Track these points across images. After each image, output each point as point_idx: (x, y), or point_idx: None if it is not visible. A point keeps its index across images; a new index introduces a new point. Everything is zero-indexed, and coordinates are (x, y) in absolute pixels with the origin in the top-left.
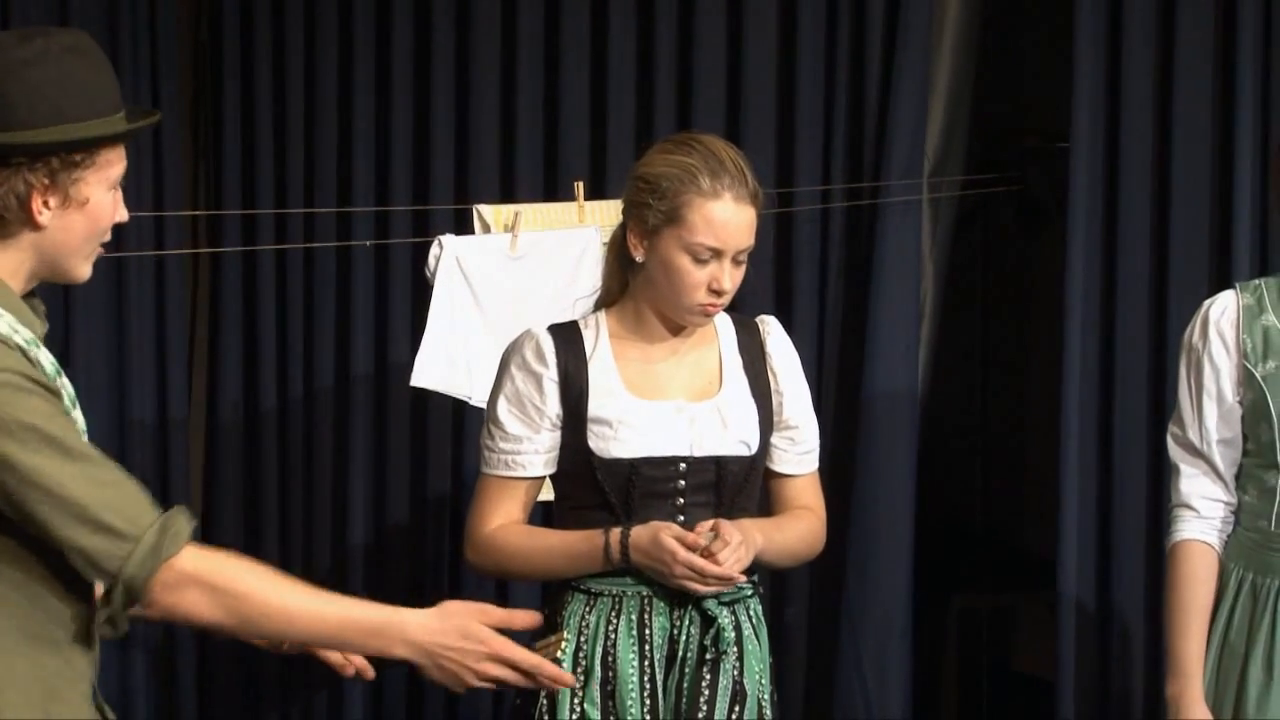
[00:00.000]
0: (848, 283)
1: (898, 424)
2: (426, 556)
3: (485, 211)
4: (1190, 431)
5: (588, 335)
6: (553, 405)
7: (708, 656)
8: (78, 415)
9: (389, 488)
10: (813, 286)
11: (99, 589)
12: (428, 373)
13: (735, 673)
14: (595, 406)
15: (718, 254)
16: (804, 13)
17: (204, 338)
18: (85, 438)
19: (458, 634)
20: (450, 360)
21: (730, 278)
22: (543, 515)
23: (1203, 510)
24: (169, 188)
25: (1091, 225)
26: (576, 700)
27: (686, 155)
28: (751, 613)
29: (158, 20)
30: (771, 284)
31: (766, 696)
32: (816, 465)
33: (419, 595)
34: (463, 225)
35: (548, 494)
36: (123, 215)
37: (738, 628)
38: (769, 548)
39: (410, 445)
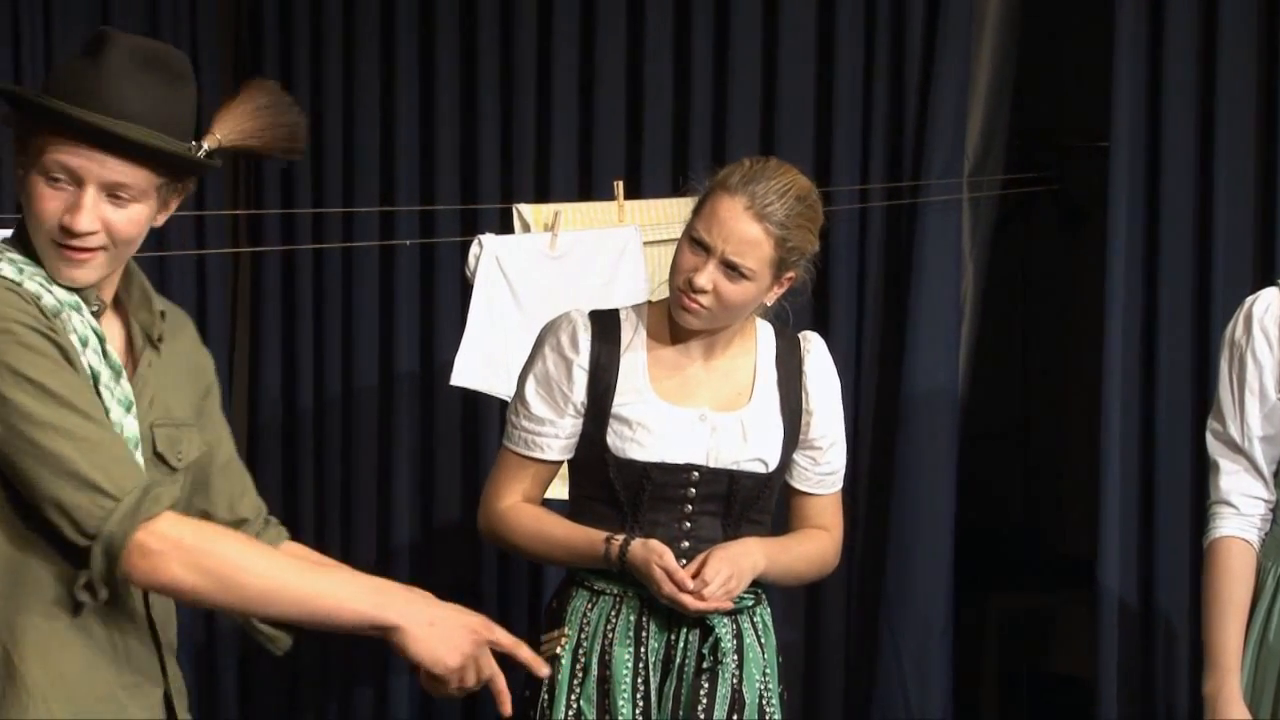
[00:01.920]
0: (887, 282)
1: (937, 424)
2: (473, 556)
3: (525, 211)
4: (1231, 428)
5: (626, 328)
6: (579, 393)
7: (705, 665)
8: (114, 398)
9: (436, 486)
10: (852, 286)
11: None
12: (467, 372)
13: (734, 680)
14: (619, 404)
15: (707, 248)
16: (843, 11)
17: (244, 336)
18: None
19: (451, 607)
20: (490, 360)
21: (709, 278)
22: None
23: (1242, 507)
24: (209, 187)
25: (1132, 224)
26: (574, 696)
27: (746, 161)
28: (756, 620)
29: (198, 19)
30: (809, 284)
31: (775, 700)
32: (839, 487)
33: (466, 596)
34: (504, 225)
35: (563, 492)
36: (71, 221)
37: (739, 635)
38: (771, 570)
39: (459, 443)
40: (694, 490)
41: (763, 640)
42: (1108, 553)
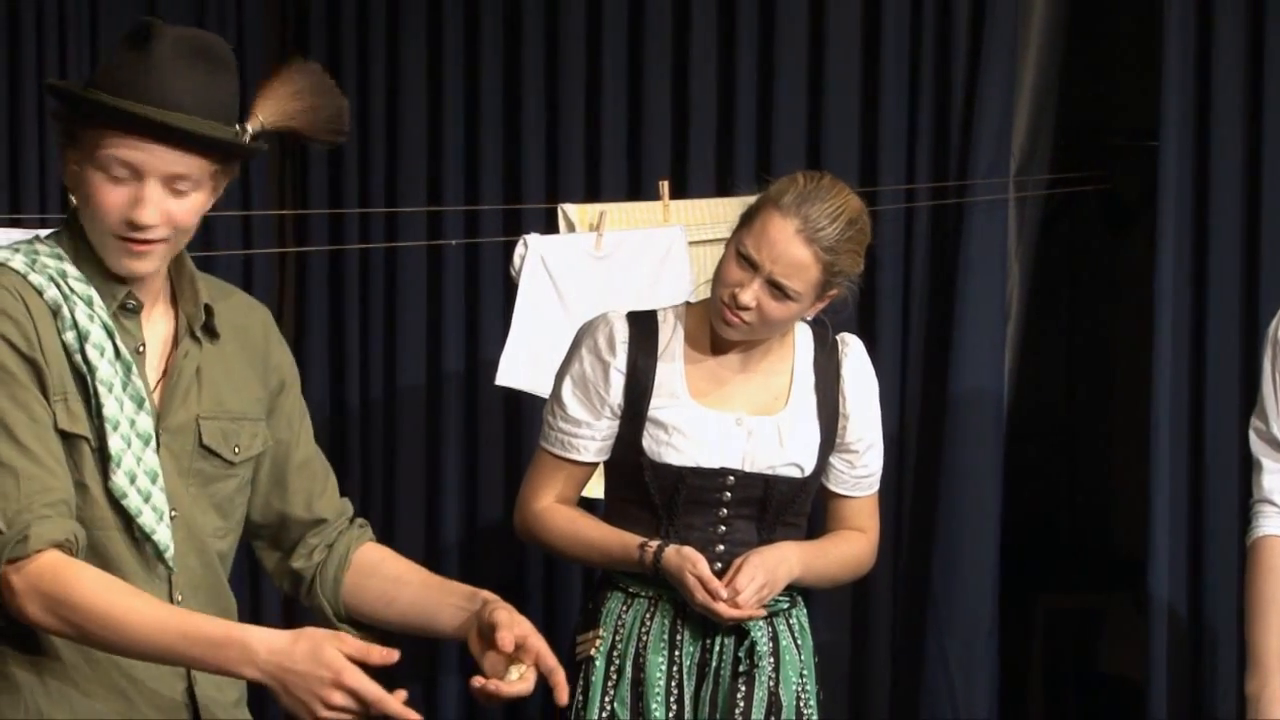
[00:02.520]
0: (933, 283)
1: (984, 424)
2: (519, 555)
3: (570, 211)
4: (1274, 426)
5: (664, 330)
6: (615, 396)
7: (741, 669)
8: (113, 394)
9: (480, 485)
10: (897, 287)
11: None
12: (512, 372)
13: (771, 683)
14: (655, 407)
15: (753, 266)
16: (888, 10)
17: (290, 336)
18: (99, 421)
19: (307, 658)
20: (535, 360)
21: (753, 295)
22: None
23: None
24: (255, 187)
25: (1181, 224)
26: (608, 699)
27: (800, 177)
28: (793, 622)
29: (245, 20)
30: (852, 300)
31: (813, 701)
32: (876, 489)
33: (514, 595)
34: (549, 224)
35: (598, 490)
36: (137, 215)
37: (775, 638)
38: (807, 575)
39: (504, 443)
40: (729, 494)
41: (799, 642)
42: (1157, 553)
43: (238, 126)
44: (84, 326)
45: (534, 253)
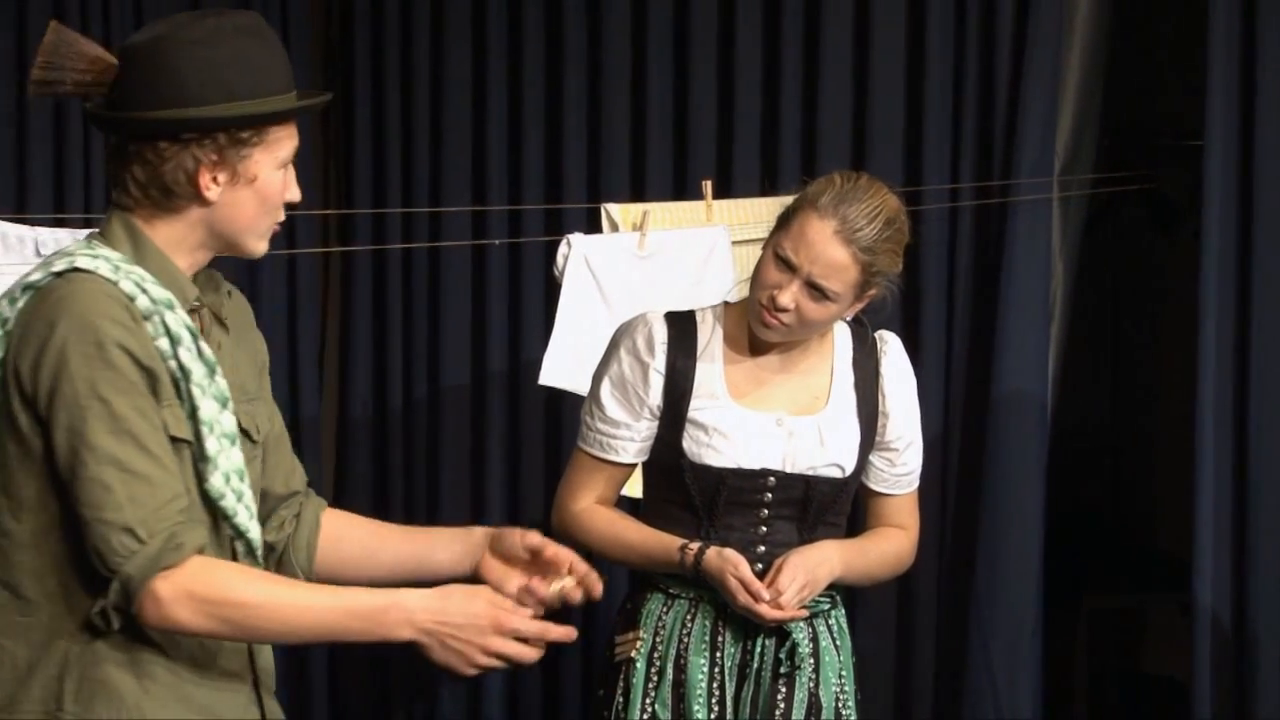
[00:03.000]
0: (976, 282)
1: (1027, 423)
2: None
3: (614, 210)
4: None
5: (702, 330)
6: (655, 397)
7: (782, 671)
8: (206, 395)
9: (523, 484)
10: (941, 286)
11: None
12: (555, 372)
13: (811, 684)
14: (695, 408)
15: (792, 267)
16: (932, 10)
17: (335, 336)
18: (208, 424)
19: (461, 612)
20: (578, 359)
21: (792, 297)
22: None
23: None
24: (300, 186)
25: (1226, 224)
26: (649, 700)
27: (836, 178)
28: (831, 622)
29: (289, 19)
30: (890, 301)
31: (851, 704)
32: (916, 486)
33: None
34: (592, 224)
35: (637, 490)
36: (294, 195)
37: (815, 639)
38: (848, 574)
39: (546, 443)
40: (770, 495)
41: (838, 643)
42: (1202, 553)
43: None
44: (175, 331)
45: (577, 252)
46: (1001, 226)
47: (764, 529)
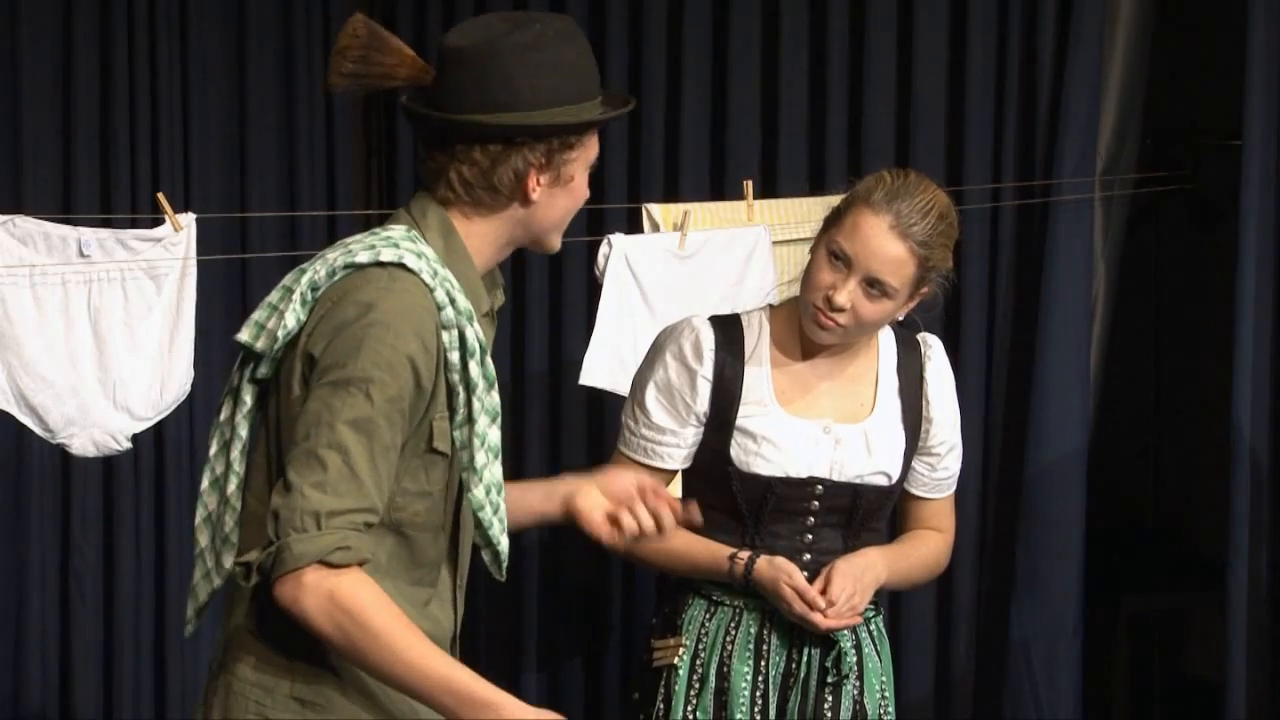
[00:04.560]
0: (1018, 282)
1: (1068, 424)
2: (602, 557)
3: (654, 210)
4: None
5: (749, 336)
6: (702, 404)
7: (829, 680)
8: (483, 410)
9: None
10: (983, 285)
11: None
12: (596, 372)
13: (855, 693)
14: (743, 415)
15: (848, 264)
16: (975, 10)
17: None
18: (484, 429)
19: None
20: (619, 359)
21: (848, 296)
22: None
23: None
24: (341, 187)
25: (1265, 224)
26: (690, 708)
27: (886, 175)
28: (873, 628)
29: (331, 19)
30: (942, 298)
31: (892, 710)
32: (954, 489)
33: (592, 596)
34: (633, 224)
35: (676, 489)
36: (587, 192)
37: (858, 647)
38: (891, 579)
39: (587, 443)
40: (817, 503)
41: (879, 649)
42: (1238, 554)
43: None
44: (471, 344)
45: (618, 252)
46: (1043, 226)
47: (810, 537)
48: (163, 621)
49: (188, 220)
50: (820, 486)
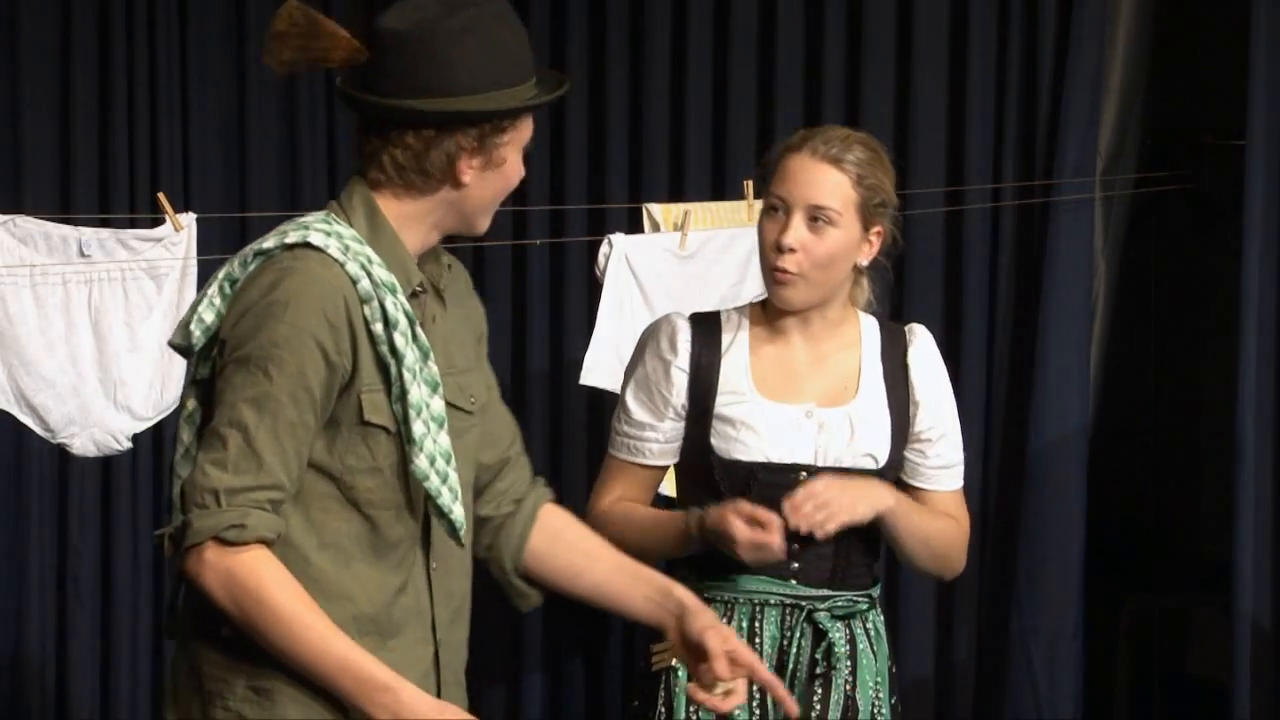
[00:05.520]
0: (1018, 282)
1: (1069, 425)
2: None
3: (655, 210)
4: None
5: (728, 327)
6: (679, 396)
7: (818, 671)
8: (417, 380)
9: (565, 484)
10: (983, 285)
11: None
12: (597, 371)
13: (848, 687)
14: (722, 403)
15: (786, 207)
16: (975, 9)
17: None
18: (426, 411)
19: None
20: (619, 359)
21: (794, 235)
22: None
23: None
24: (341, 187)
25: (1268, 224)
26: (693, 709)
27: (798, 130)
28: (869, 625)
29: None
30: (941, 283)
31: (886, 710)
32: (959, 484)
33: None
34: (634, 224)
35: (670, 488)
36: (522, 173)
37: (851, 641)
38: (899, 517)
39: (588, 442)
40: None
41: (875, 648)
42: (1242, 554)
43: None
44: (393, 316)
45: (618, 252)
46: (1044, 226)
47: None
48: (160, 622)
49: (188, 220)
50: (804, 472)
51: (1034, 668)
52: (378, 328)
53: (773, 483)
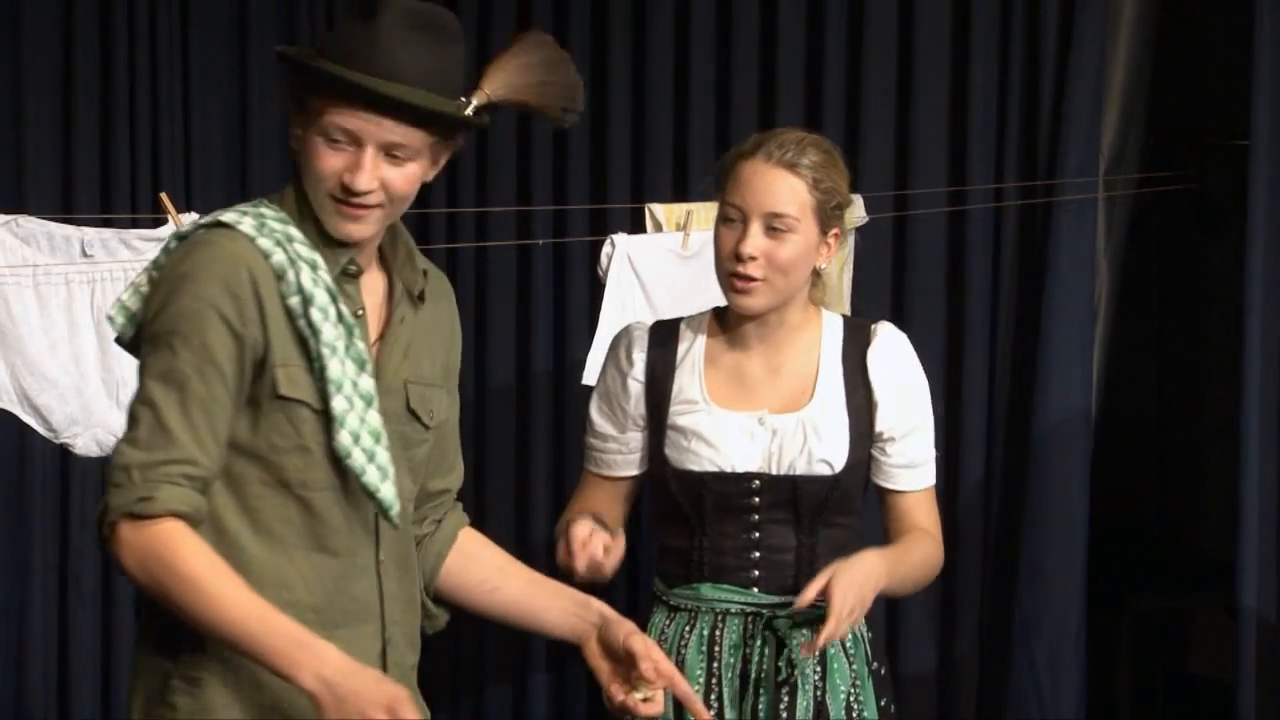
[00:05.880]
0: (1021, 282)
1: (1071, 425)
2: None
3: (658, 210)
4: None
5: (685, 336)
6: (636, 406)
7: (780, 679)
8: (337, 356)
9: (569, 484)
10: (985, 286)
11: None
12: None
13: (817, 693)
14: (674, 413)
15: (743, 216)
16: (977, 8)
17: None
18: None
19: (371, 680)
20: None
21: (753, 243)
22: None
23: None
24: None
25: (1271, 225)
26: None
27: (751, 136)
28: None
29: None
30: (944, 283)
31: (870, 713)
32: (929, 483)
33: (599, 595)
34: (636, 224)
35: None
36: (352, 181)
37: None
38: (891, 584)
39: None
40: (758, 499)
41: (850, 651)
42: (1245, 553)
43: (461, 99)
44: (309, 290)
45: (621, 252)
46: (1046, 227)
47: (757, 534)
48: None
49: (190, 220)
50: (757, 481)
51: (1036, 667)
52: (294, 301)
53: (726, 492)
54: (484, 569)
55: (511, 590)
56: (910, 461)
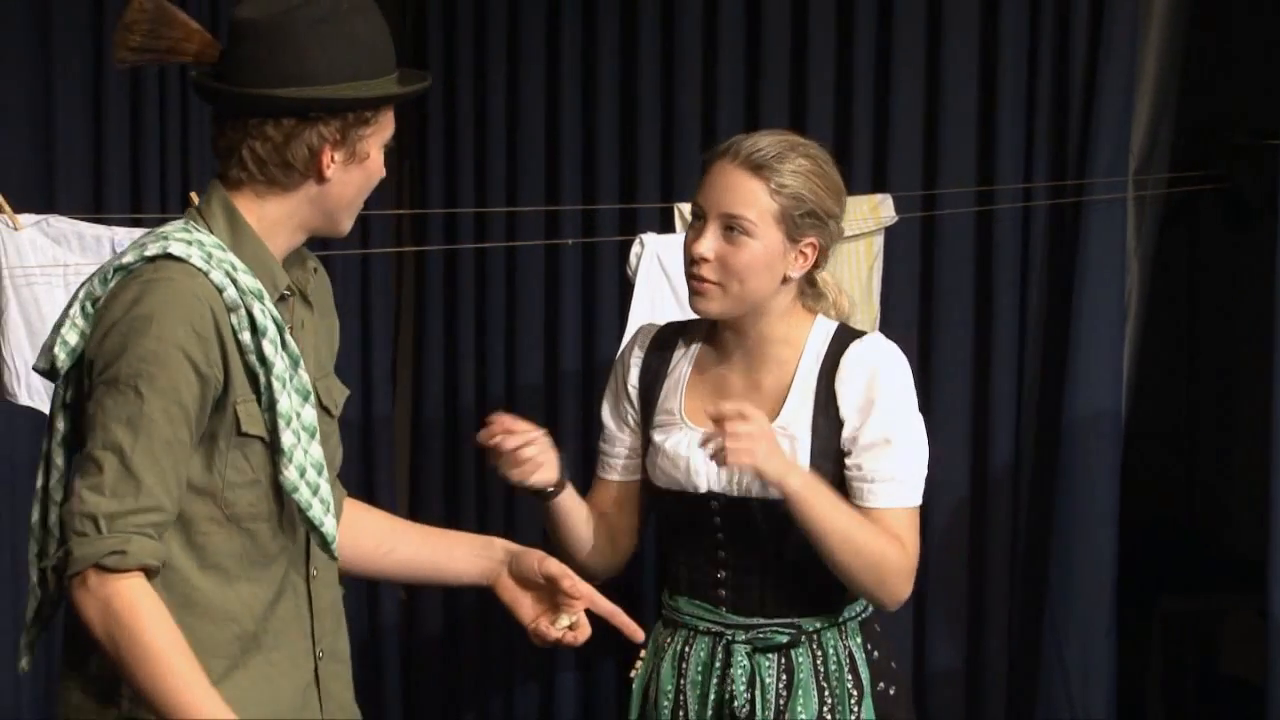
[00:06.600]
0: (1050, 282)
1: (1102, 424)
2: (637, 555)
3: (686, 210)
4: None
5: (682, 342)
6: (630, 408)
7: (739, 705)
8: (287, 389)
9: None
10: (1014, 286)
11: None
12: None
13: (780, 702)
14: (655, 423)
15: (704, 215)
16: (1007, 7)
17: (408, 336)
18: (293, 421)
19: None
20: None
21: (707, 244)
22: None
23: None
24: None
25: None
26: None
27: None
28: (820, 649)
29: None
30: (972, 283)
31: None
32: (905, 503)
33: (627, 597)
34: (665, 223)
35: None
36: (383, 171)
37: (790, 670)
38: (805, 499)
39: None
40: (719, 520)
41: (825, 672)
42: (1277, 553)
43: None
44: (261, 323)
45: (650, 251)
46: (1076, 226)
47: (723, 553)
48: None
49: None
50: (715, 502)
51: (1066, 667)
52: (245, 336)
53: (689, 513)
54: (375, 535)
55: (408, 548)
56: (878, 477)
